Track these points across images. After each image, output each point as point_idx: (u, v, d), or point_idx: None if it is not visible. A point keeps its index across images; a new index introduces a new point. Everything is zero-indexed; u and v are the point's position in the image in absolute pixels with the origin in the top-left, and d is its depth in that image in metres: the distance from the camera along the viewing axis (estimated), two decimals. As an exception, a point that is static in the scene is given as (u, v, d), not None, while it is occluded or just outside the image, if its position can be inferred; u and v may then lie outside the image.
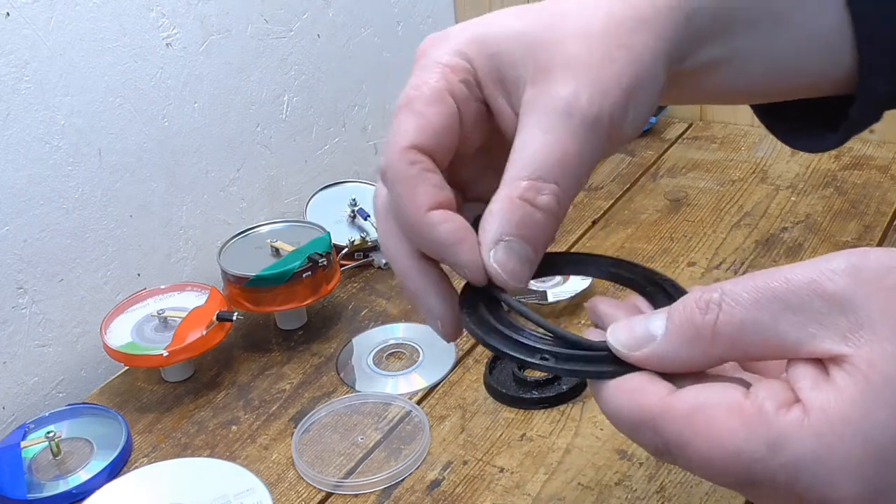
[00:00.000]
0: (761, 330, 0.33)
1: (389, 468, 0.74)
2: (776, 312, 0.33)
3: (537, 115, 0.39)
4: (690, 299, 0.35)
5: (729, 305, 0.33)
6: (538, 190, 0.38)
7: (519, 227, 0.39)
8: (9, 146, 0.83)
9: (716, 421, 0.32)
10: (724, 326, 0.33)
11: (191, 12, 0.98)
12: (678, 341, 0.34)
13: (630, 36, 0.40)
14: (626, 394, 0.35)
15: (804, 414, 0.31)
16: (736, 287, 0.34)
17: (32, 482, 0.76)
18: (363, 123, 1.25)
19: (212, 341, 0.85)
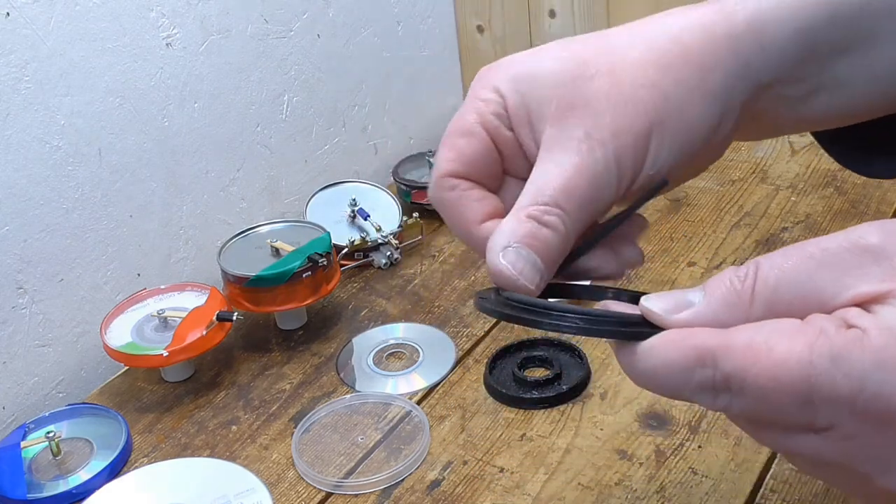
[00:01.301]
0: (798, 288, 0.34)
1: (389, 468, 0.74)
2: (811, 270, 0.34)
3: (554, 149, 0.41)
4: (727, 271, 0.36)
5: (764, 270, 0.35)
6: (544, 212, 0.41)
7: (525, 238, 0.41)
8: (9, 146, 0.83)
9: (778, 343, 0.33)
10: (761, 288, 0.35)
11: (191, 12, 0.98)
12: (717, 305, 0.35)
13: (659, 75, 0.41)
14: (673, 342, 0.35)
15: (863, 332, 0.32)
16: (770, 255, 0.35)
17: (32, 482, 0.76)
18: (363, 123, 1.25)
19: (212, 341, 0.85)
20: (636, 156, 0.41)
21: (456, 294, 0.96)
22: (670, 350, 0.35)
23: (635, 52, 0.42)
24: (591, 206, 0.41)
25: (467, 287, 0.97)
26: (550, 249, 0.41)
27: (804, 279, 0.34)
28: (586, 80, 0.41)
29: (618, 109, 0.40)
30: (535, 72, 0.43)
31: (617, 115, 0.40)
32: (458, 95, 1.44)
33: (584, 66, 0.42)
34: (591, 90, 0.41)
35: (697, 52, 0.41)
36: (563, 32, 1.35)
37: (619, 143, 0.40)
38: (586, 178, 0.40)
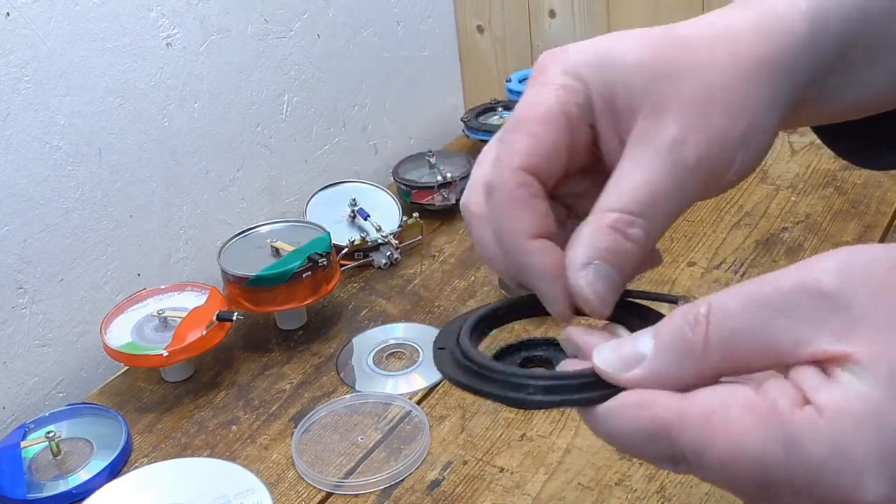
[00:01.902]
0: (753, 338, 0.32)
1: (389, 468, 0.74)
2: (766, 318, 0.32)
3: (641, 149, 0.39)
4: (678, 314, 0.34)
5: (717, 316, 0.33)
6: (628, 223, 0.38)
7: (608, 253, 0.39)
8: (9, 146, 0.83)
9: (732, 422, 0.32)
10: (714, 337, 0.33)
11: (191, 12, 0.98)
12: (669, 357, 0.34)
13: (750, 84, 0.39)
14: (630, 410, 0.34)
15: (818, 414, 0.31)
16: (723, 297, 0.33)
17: (32, 482, 0.76)
18: (363, 123, 1.25)
19: (212, 341, 0.85)
20: (724, 163, 0.39)
21: (456, 294, 0.96)
22: (626, 420, 0.34)
23: (719, 55, 0.40)
24: (674, 215, 0.40)
25: (467, 287, 0.97)
26: (630, 264, 0.39)
27: (759, 329, 0.32)
28: (676, 78, 0.39)
29: (713, 114, 0.39)
30: (621, 61, 0.40)
31: (713, 121, 0.39)
32: (458, 95, 1.44)
33: (671, 63, 0.40)
34: (684, 90, 0.39)
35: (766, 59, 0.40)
36: (563, 32, 1.35)
37: (712, 149, 0.39)
38: (676, 184, 0.39)
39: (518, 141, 0.40)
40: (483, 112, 1.26)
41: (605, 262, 0.39)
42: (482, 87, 1.44)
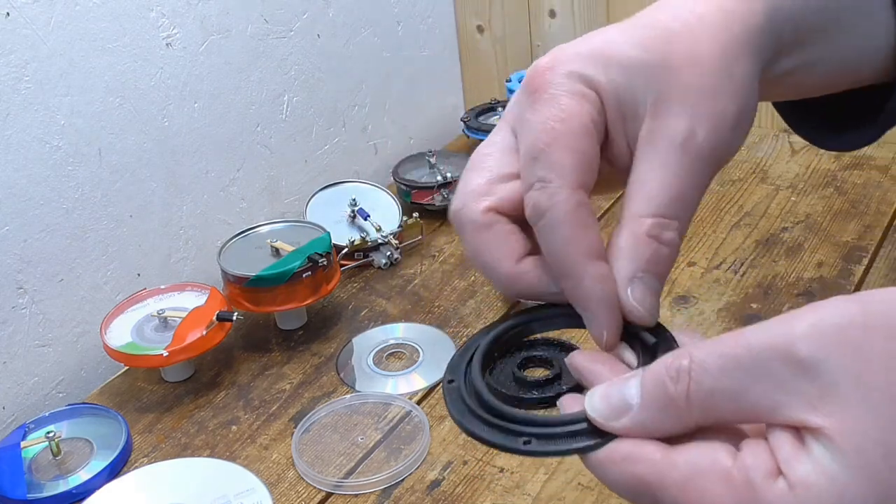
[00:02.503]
0: (732, 398, 0.33)
1: (389, 468, 0.74)
2: (744, 380, 0.33)
3: (655, 148, 0.39)
4: (661, 367, 0.35)
5: (698, 374, 0.34)
6: (663, 227, 0.39)
7: (650, 264, 0.39)
8: (9, 146, 0.83)
9: (707, 490, 0.33)
10: (695, 395, 0.34)
11: (191, 12, 0.98)
12: (654, 409, 0.35)
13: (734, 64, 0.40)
14: (617, 464, 0.36)
15: (790, 489, 0.32)
16: (703, 354, 0.34)
17: (32, 482, 0.76)
18: (363, 123, 1.25)
19: (212, 341, 0.85)
20: (729, 147, 0.41)
21: (456, 294, 0.96)
22: (615, 472, 0.36)
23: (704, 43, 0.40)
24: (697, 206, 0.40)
25: (467, 287, 0.97)
26: (668, 269, 0.40)
27: (737, 391, 0.33)
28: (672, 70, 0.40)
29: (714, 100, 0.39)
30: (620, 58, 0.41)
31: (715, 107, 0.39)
32: (458, 95, 1.44)
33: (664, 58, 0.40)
34: (682, 81, 0.40)
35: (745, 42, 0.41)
36: (563, 32, 1.35)
37: (719, 135, 0.40)
38: (696, 179, 0.39)
39: (566, 158, 0.39)
40: (483, 112, 1.26)
41: (650, 273, 0.39)
42: (482, 87, 1.44)
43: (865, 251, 0.94)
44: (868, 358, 0.31)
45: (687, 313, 0.88)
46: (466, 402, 0.41)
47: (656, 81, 0.40)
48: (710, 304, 0.89)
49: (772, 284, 0.91)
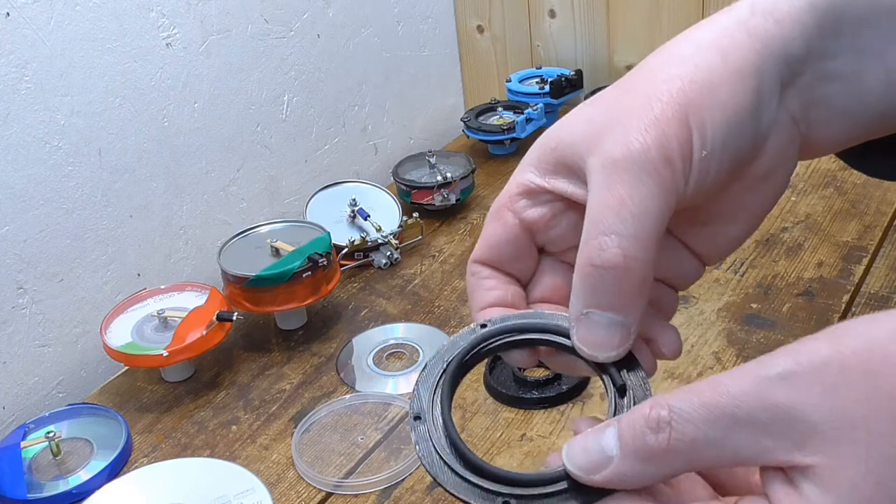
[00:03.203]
0: (714, 446, 0.33)
1: (389, 468, 0.74)
2: (726, 428, 0.32)
3: (593, 176, 0.38)
4: (639, 417, 0.34)
5: (679, 424, 0.33)
6: (600, 247, 0.37)
7: (593, 295, 0.37)
8: (9, 146, 0.84)
9: None
10: (677, 444, 0.33)
11: (191, 12, 0.98)
12: (635, 460, 0.34)
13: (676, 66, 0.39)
14: None
15: None
16: (682, 404, 0.33)
17: (32, 482, 0.76)
18: (363, 123, 1.25)
19: (212, 341, 0.85)
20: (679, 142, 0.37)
21: (456, 294, 0.96)
22: None
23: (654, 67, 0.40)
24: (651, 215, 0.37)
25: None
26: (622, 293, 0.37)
27: (719, 437, 0.33)
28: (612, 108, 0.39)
29: (644, 110, 0.38)
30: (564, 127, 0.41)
31: (646, 114, 0.37)
32: (458, 95, 1.44)
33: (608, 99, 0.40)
34: (617, 110, 0.39)
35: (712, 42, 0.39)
36: (562, 32, 1.35)
37: (652, 134, 0.37)
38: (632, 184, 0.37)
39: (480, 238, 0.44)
40: (483, 112, 1.26)
41: (596, 307, 0.37)
42: (482, 87, 1.44)
43: (865, 251, 0.94)
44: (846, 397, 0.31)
45: (687, 313, 0.88)
46: (437, 448, 0.38)
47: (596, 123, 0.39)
48: (710, 304, 0.89)
49: (772, 284, 0.91)
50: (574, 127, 0.40)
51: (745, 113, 0.39)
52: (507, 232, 0.42)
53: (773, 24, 0.39)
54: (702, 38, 0.40)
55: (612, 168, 0.37)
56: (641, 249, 0.37)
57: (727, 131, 0.38)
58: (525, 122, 1.21)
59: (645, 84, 0.39)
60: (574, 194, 0.40)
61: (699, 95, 0.38)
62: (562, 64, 1.35)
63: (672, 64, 0.39)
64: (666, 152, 0.37)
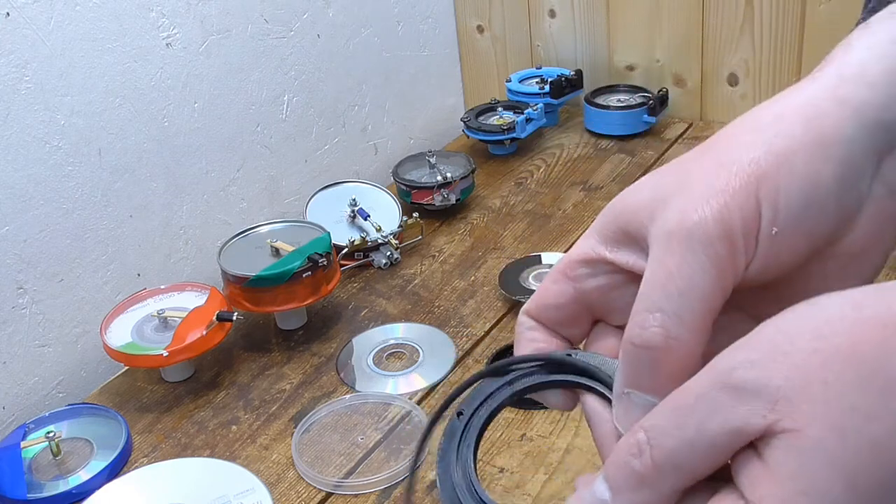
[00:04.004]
0: (693, 445, 0.33)
1: (389, 468, 0.74)
2: (697, 424, 0.32)
3: (652, 248, 0.36)
4: (620, 449, 0.34)
5: (655, 439, 0.33)
6: (643, 325, 0.35)
7: (633, 377, 0.36)
8: (9, 146, 0.84)
9: None
10: (660, 459, 0.33)
11: (191, 12, 0.98)
12: (628, 492, 0.34)
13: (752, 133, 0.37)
14: None
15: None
16: (654, 419, 0.34)
17: (32, 482, 0.76)
18: (363, 123, 1.25)
19: (212, 341, 0.85)
20: (745, 216, 0.35)
21: (456, 294, 0.96)
22: None
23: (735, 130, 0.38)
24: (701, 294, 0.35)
25: (467, 287, 0.97)
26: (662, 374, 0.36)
27: (696, 437, 0.32)
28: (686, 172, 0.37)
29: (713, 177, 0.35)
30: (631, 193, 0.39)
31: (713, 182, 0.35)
32: (458, 95, 1.44)
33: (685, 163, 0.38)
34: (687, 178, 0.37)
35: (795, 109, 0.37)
36: (562, 32, 1.35)
37: (714, 206, 0.35)
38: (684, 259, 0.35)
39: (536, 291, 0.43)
40: (483, 112, 1.26)
41: (636, 388, 0.36)
42: (482, 87, 1.44)
43: (865, 251, 0.94)
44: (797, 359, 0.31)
45: (687, 313, 0.88)
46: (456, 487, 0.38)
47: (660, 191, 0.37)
48: (710, 304, 0.89)
49: (772, 284, 0.91)
50: (641, 193, 0.38)
51: (828, 187, 0.36)
52: (560, 297, 0.41)
53: (866, 89, 0.36)
54: (785, 106, 0.37)
55: (666, 239, 0.35)
56: (686, 330, 0.35)
57: (804, 206, 0.36)
58: (525, 122, 1.21)
59: (718, 152, 0.37)
60: (635, 266, 0.38)
61: (775, 167, 0.35)
62: (562, 64, 1.36)
63: (749, 131, 0.37)
64: (727, 227, 0.35)
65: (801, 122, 0.36)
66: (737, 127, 0.38)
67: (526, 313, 0.42)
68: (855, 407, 0.30)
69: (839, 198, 0.36)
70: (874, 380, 0.30)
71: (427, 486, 0.72)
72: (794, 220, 0.35)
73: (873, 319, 0.31)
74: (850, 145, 0.36)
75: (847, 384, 0.30)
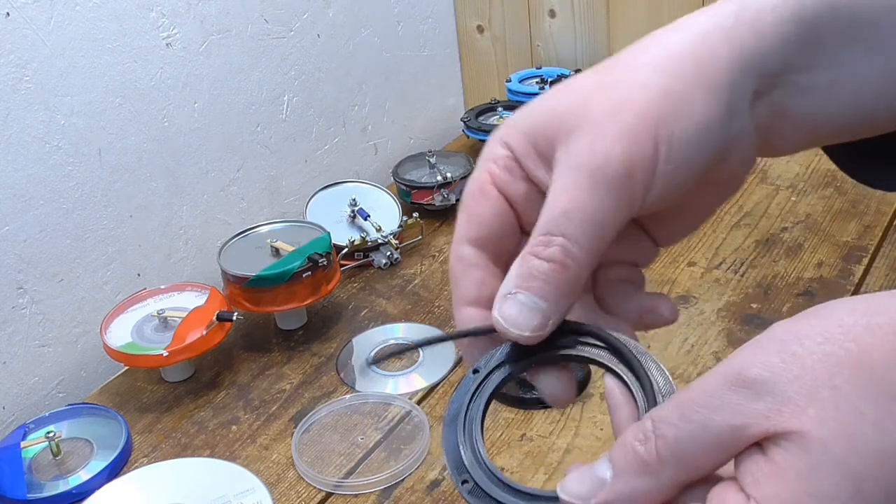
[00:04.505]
0: (696, 438, 0.34)
1: (389, 468, 0.74)
2: (703, 419, 0.34)
3: (557, 172, 0.39)
4: (629, 433, 0.35)
5: (662, 428, 0.34)
6: (545, 243, 0.38)
7: (526, 279, 0.39)
8: (9, 146, 0.83)
9: None
10: (663, 449, 0.34)
11: (191, 12, 0.98)
12: (628, 477, 0.35)
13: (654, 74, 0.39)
14: None
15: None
16: (664, 411, 0.35)
17: (32, 482, 0.76)
18: (363, 123, 1.25)
19: (212, 341, 0.85)
20: (644, 157, 0.38)
21: (456, 294, 0.96)
22: None
23: (631, 63, 0.40)
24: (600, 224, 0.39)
25: (467, 287, 0.97)
26: (554, 285, 0.39)
27: (700, 431, 0.33)
28: (587, 100, 0.40)
29: (617, 115, 0.38)
30: (540, 109, 0.42)
31: (617, 121, 0.38)
32: (458, 95, 1.44)
33: (584, 90, 0.40)
34: (591, 107, 0.39)
35: (690, 50, 0.40)
36: (563, 32, 1.35)
37: (619, 146, 0.38)
38: (588, 192, 0.38)
39: (458, 219, 0.43)
40: (483, 112, 1.26)
41: (523, 289, 0.39)
42: (482, 87, 1.44)
43: (865, 251, 0.94)
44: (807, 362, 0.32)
45: (687, 313, 0.88)
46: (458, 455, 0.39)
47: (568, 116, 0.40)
48: (710, 304, 0.89)
49: (772, 284, 0.91)
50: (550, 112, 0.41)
51: (714, 127, 0.39)
52: (494, 208, 0.42)
53: (755, 38, 0.40)
54: (681, 43, 0.40)
55: (575, 170, 0.38)
56: (583, 253, 0.39)
57: (694, 146, 0.39)
58: (525, 122, 1.21)
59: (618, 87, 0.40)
60: (542, 181, 0.41)
61: (671, 109, 0.39)
62: (562, 64, 1.35)
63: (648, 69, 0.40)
64: (629, 167, 0.38)
65: (694, 65, 0.39)
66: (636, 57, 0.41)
67: (467, 242, 0.42)
68: (863, 413, 0.31)
69: (723, 136, 0.40)
70: (883, 387, 0.31)
71: (427, 487, 0.72)
72: (685, 159, 0.39)
73: (886, 327, 0.32)
74: (736, 89, 0.40)
75: (856, 390, 0.31)
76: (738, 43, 0.40)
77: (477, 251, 0.42)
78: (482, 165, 0.42)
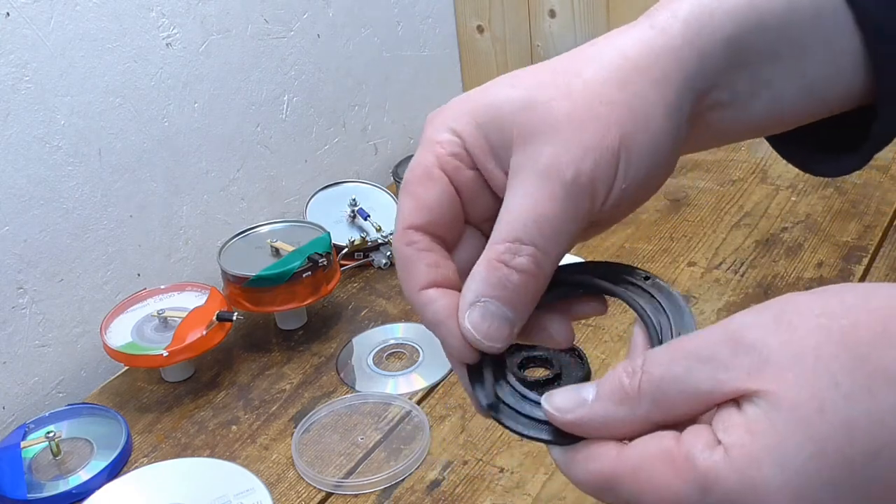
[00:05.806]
0: (677, 383, 0.35)
1: (389, 468, 0.74)
2: (689, 366, 0.35)
3: (521, 177, 0.40)
4: (619, 367, 0.37)
5: (649, 366, 0.36)
6: (515, 252, 0.39)
7: (495, 288, 0.40)
8: (9, 146, 0.84)
9: (655, 473, 0.35)
10: (646, 385, 0.36)
11: (191, 12, 0.98)
12: (607, 402, 0.37)
13: (617, 90, 0.40)
14: (581, 462, 0.38)
15: (726, 453, 0.33)
16: (658, 351, 0.37)
17: (32, 482, 0.76)
18: (363, 123, 1.25)
19: (212, 341, 0.85)
20: (607, 173, 0.40)
21: (456, 294, 0.96)
22: (578, 471, 0.38)
23: (589, 72, 0.41)
24: (565, 235, 0.40)
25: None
26: (522, 295, 0.40)
27: (684, 376, 0.35)
28: (545, 103, 0.40)
29: (583, 128, 0.39)
30: (491, 101, 0.42)
31: (584, 134, 0.39)
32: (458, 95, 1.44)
33: (539, 90, 0.41)
34: (552, 112, 0.40)
35: (646, 67, 0.41)
36: (563, 32, 1.35)
37: (588, 161, 0.39)
38: (559, 204, 0.39)
39: (402, 203, 0.42)
40: (483, 112, 1.26)
41: (493, 298, 0.40)
42: (482, 87, 1.44)
43: (865, 251, 0.94)
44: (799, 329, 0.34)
45: (687, 313, 0.88)
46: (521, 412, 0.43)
47: (524, 115, 0.40)
48: (710, 304, 0.89)
49: (772, 284, 0.91)
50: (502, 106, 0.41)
51: (667, 146, 0.41)
52: (442, 193, 0.42)
53: (697, 60, 0.41)
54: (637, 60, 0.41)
55: (544, 178, 0.39)
56: (551, 264, 0.40)
57: (651, 164, 0.41)
58: (525, 122, 1.21)
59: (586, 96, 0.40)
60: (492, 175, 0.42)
61: (632, 131, 0.40)
62: (562, 64, 1.35)
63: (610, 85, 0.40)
64: (594, 181, 0.40)
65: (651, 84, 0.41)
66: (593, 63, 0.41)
67: (413, 228, 0.42)
68: (839, 384, 0.32)
69: (674, 154, 0.42)
70: (864, 363, 0.33)
71: (427, 487, 0.72)
72: (643, 177, 0.41)
73: (879, 310, 0.34)
74: (683, 110, 0.42)
75: (837, 362, 0.33)
76: (685, 63, 0.41)
77: (425, 235, 0.42)
78: (427, 147, 0.42)
